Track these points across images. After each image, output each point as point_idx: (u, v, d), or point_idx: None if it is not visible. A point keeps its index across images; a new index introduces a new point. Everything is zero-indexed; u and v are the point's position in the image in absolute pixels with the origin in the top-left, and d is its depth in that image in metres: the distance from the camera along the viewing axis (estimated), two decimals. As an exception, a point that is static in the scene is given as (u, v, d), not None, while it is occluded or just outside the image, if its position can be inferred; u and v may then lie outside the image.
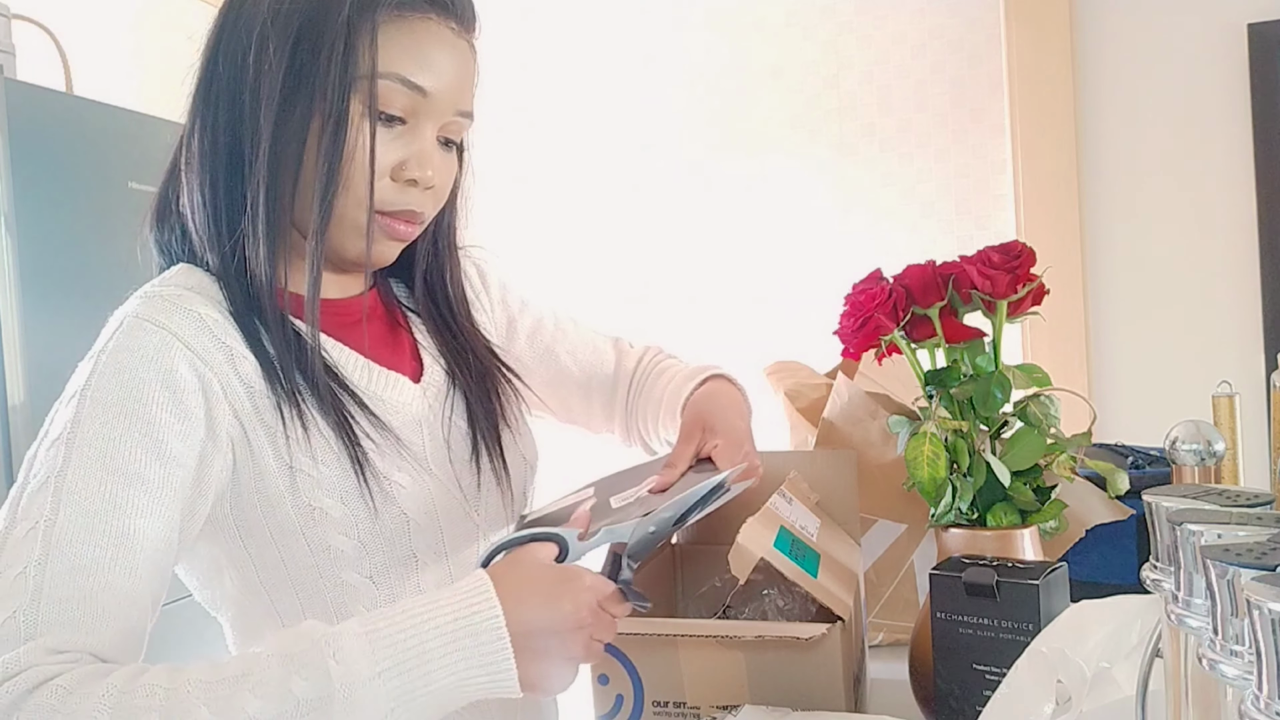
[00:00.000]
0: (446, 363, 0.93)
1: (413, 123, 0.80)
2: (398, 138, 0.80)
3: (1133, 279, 2.38)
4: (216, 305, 0.79)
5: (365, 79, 0.76)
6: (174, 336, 0.74)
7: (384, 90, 0.77)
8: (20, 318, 1.71)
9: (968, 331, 0.97)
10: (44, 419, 0.75)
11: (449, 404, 0.91)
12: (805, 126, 2.62)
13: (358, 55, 0.76)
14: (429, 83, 0.79)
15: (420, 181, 0.81)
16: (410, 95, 0.78)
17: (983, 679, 0.83)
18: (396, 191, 0.80)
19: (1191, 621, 0.46)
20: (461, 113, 0.83)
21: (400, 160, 0.80)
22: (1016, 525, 0.92)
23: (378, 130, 0.78)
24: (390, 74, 0.77)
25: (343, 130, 0.76)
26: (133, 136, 1.98)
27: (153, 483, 0.70)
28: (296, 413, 0.78)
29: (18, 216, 1.71)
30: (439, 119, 0.81)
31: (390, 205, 0.81)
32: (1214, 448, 0.99)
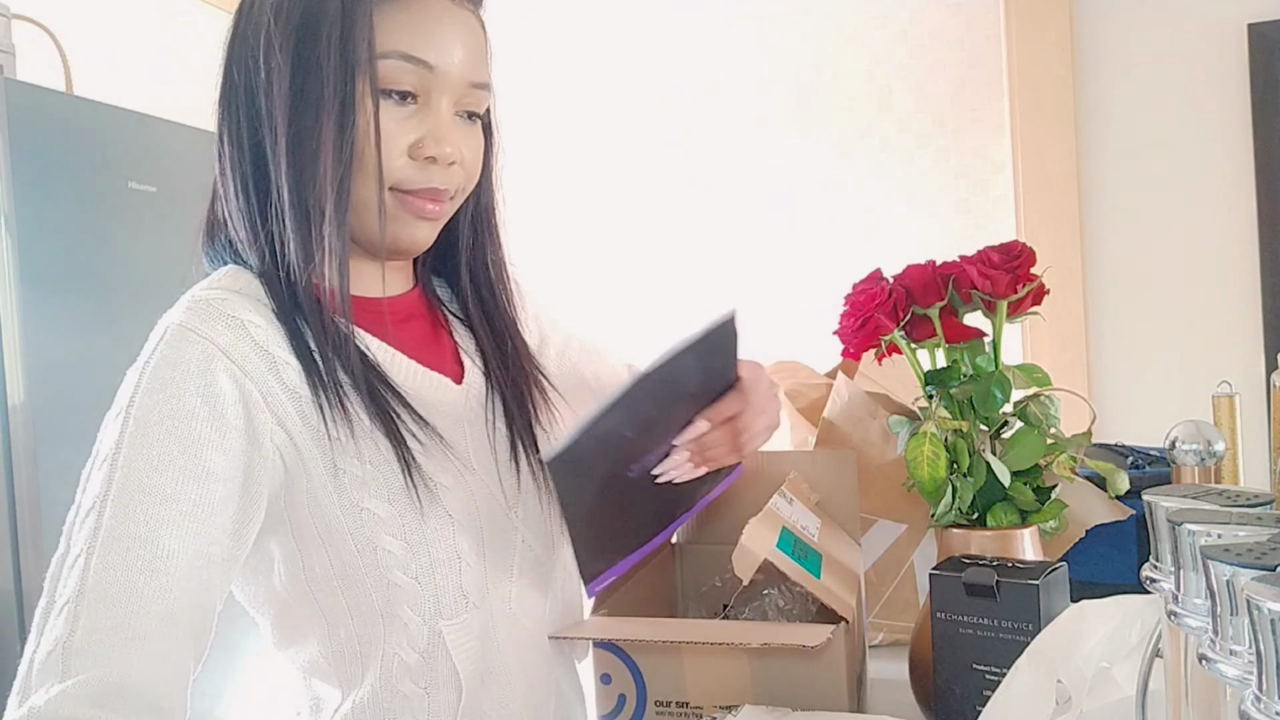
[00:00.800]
0: (485, 364, 0.93)
1: (425, 99, 0.80)
2: (411, 116, 0.80)
3: (1133, 279, 2.38)
4: (260, 307, 0.79)
5: (366, 61, 0.76)
6: (215, 347, 0.75)
7: (389, 69, 0.77)
8: (20, 318, 1.71)
9: (968, 331, 0.97)
10: (44, 419, 0.76)
11: (489, 405, 0.91)
12: (805, 126, 2.62)
13: (355, 38, 0.76)
14: (433, 57, 0.78)
15: (439, 158, 0.80)
16: (416, 71, 0.78)
17: (983, 679, 0.83)
18: (416, 169, 0.80)
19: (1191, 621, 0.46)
20: (476, 84, 0.82)
21: (416, 138, 0.80)
22: (1016, 525, 0.92)
23: (390, 109, 0.78)
24: (392, 52, 0.77)
25: (350, 113, 0.76)
26: (133, 136, 1.98)
27: (191, 502, 0.71)
28: (341, 413, 0.78)
29: (18, 216, 1.71)
30: (453, 93, 0.81)
31: (411, 184, 0.80)
32: (1214, 448, 0.99)
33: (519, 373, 0.94)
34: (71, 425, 1.76)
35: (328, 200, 0.78)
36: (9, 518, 1.73)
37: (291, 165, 0.79)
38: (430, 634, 0.81)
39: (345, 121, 0.76)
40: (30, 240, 1.73)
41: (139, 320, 2.16)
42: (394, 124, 0.78)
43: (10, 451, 1.72)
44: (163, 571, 0.69)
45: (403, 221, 0.82)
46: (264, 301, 0.80)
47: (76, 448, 2.01)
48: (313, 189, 0.78)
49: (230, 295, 0.79)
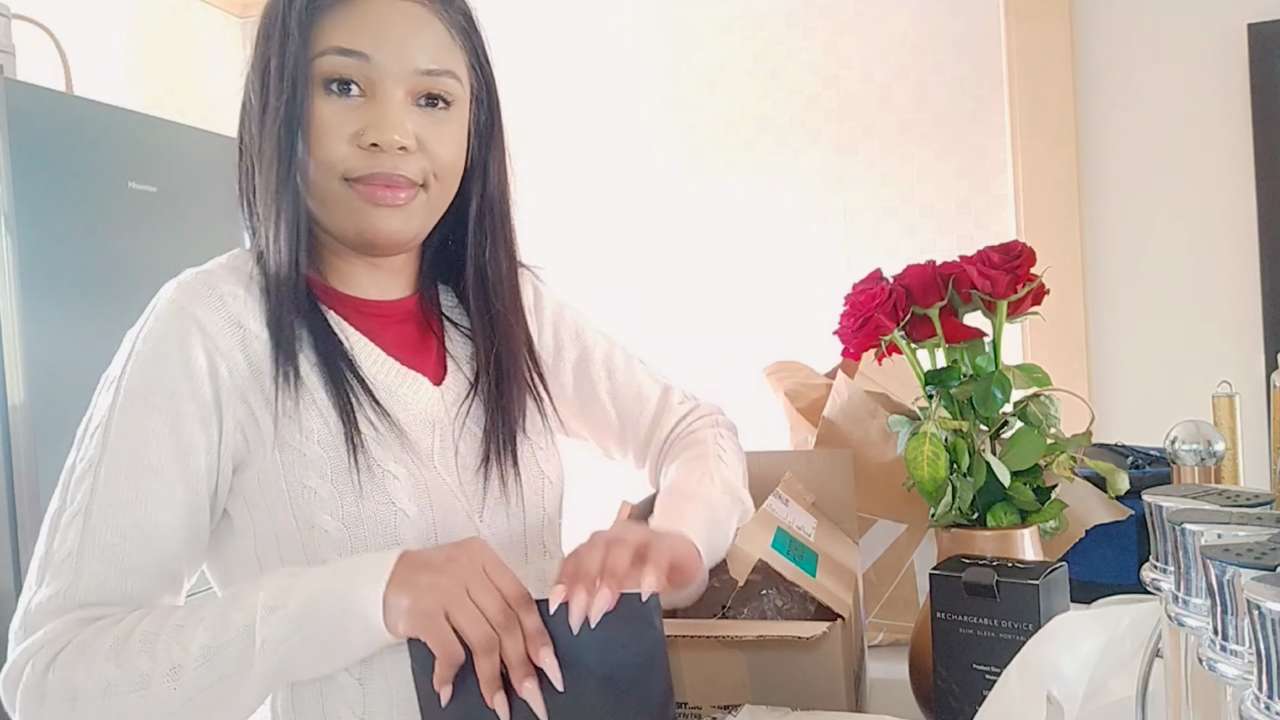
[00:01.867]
0: (474, 368, 0.94)
1: (370, 90, 0.82)
2: (356, 107, 0.82)
3: (1133, 279, 2.38)
4: (248, 282, 0.85)
5: (304, 60, 0.81)
6: (194, 321, 0.81)
7: (326, 64, 0.81)
8: (20, 318, 1.71)
9: (968, 331, 0.97)
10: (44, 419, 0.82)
11: (465, 408, 0.91)
12: (805, 126, 2.62)
13: (294, 40, 0.81)
14: (367, 45, 0.81)
15: (382, 144, 0.81)
16: (352, 62, 0.81)
17: (983, 679, 0.83)
18: (363, 157, 0.82)
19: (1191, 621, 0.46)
20: (427, 71, 0.83)
21: (360, 128, 0.82)
22: (1016, 525, 0.92)
23: (333, 101, 0.82)
24: (328, 49, 0.81)
25: (293, 108, 0.81)
26: (133, 136, 1.98)
27: (175, 473, 0.79)
28: (291, 383, 0.82)
29: (18, 216, 1.71)
30: (401, 81, 0.83)
31: (359, 170, 0.82)
32: (1214, 448, 0.99)
33: (513, 381, 0.94)
34: (71, 425, 1.75)
35: (285, 194, 0.82)
36: (9, 518, 1.73)
37: (259, 167, 0.84)
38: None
39: (290, 117, 0.81)
40: (30, 240, 1.73)
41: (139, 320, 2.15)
42: (337, 114, 0.82)
43: (10, 451, 1.72)
44: (154, 539, 0.78)
45: (363, 212, 0.84)
46: (254, 277, 0.85)
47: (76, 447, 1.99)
48: (273, 184, 0.83)
49: (220, 270, 0.85)
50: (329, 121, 0.81)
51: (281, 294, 0.83)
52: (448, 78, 0.85)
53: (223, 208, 2.23)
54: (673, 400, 1.07)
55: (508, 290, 0.95)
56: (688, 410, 1.07)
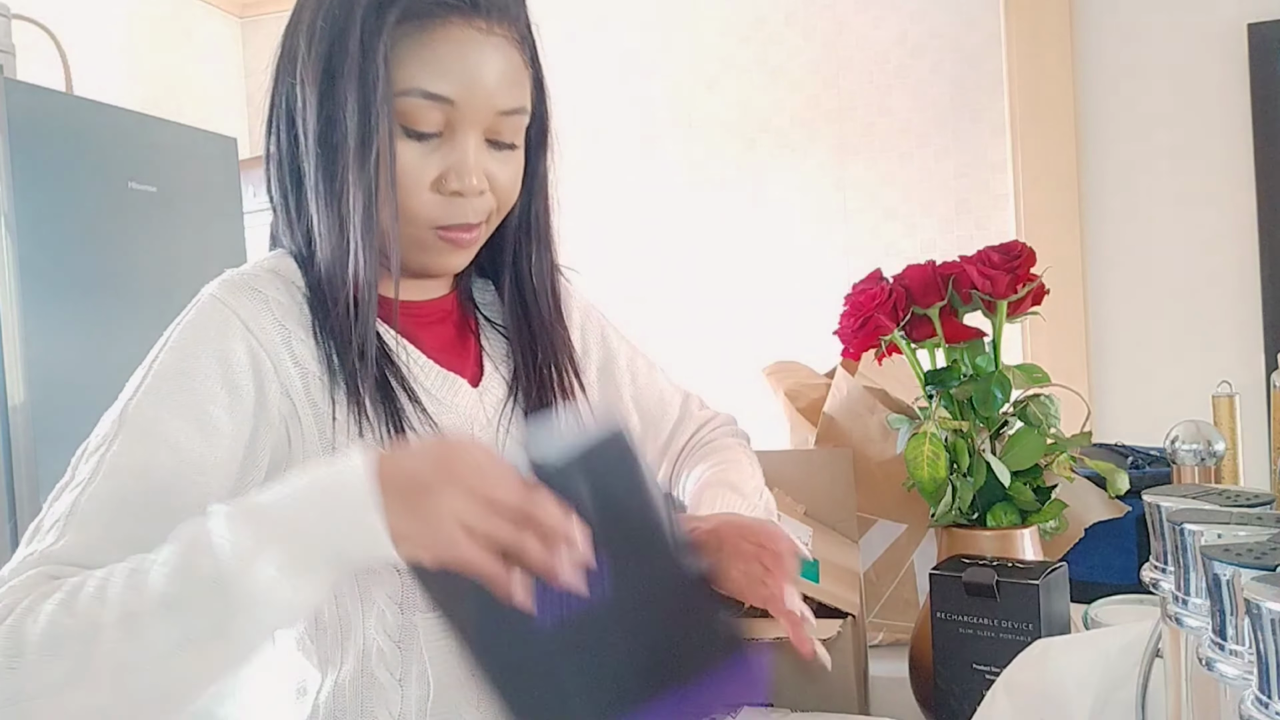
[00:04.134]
0: (511, 370, 0.92)
1: (449, 133, 0.79)
2: (434, 151, 0.79)
3: (1133, 279, 2.38)
4: (290, 288, 0.82)
5: (384, 99, 0.76)
6: (236, 317, 0.78)
7: (408, 106, 0.77)
8: (20, 318, 1.71)
9: (968, 331, 0.97)
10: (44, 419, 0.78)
11: (505, 412, 0.89)
12: (805, 126, 2.62)
13: (373, 76, 0.76)
14: (453, 91, 0.77)
15: (464, 191, 0.79)
16: (437, 107, 0.77)
17: (983, 679, 0.83)
18: (443, 205, 0.80)
19: (1191, 621, 0.46)
20: (504, 112, 0.80)
21: (440, 173, 0.79)
22: (1016, 525, 0.92)
23: (412, 145, 0.78)
24: (411, 90, 0.77)
25: (369, 151, 0.77)
26: (133, 136, 1.98)
27: (195, 453, 0.74)
28: (349, 394, 0.79)
29: (18, 216, 1.71)
30: (477, 124, 0.79)
31: (440, 220, 0.80)
32: (1214, 448, 0.99)
33: (550, 382, 0.92)
34: (71, 425, 1.76)
35: (356, 233, 0.79)
36: (9, 518, 1.73)
37: (323, 194, 0.80)
38: (406, 625, 0.81)
39: (366, 160, 0.77)
40: (30, 240, 1.73)
41: (139, 320, 2.18)
42: (416, 160, 0.78)
43: (10, 451, 1.72)
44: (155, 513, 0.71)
45: (437, 251, 0.82)
46: (296, 284, 0.83)
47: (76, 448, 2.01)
48: (343, 221, 0.80)
49: (264, 274, 0.83)
50: (411, 168, 0.78)
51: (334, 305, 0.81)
52: (521, 115, 0.82)
53: (223, 208, 2.24)
54: (693, 408, 1.07)
55: (550, 297, 0.93)
56: (707, 419, 1.07)
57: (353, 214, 0.79)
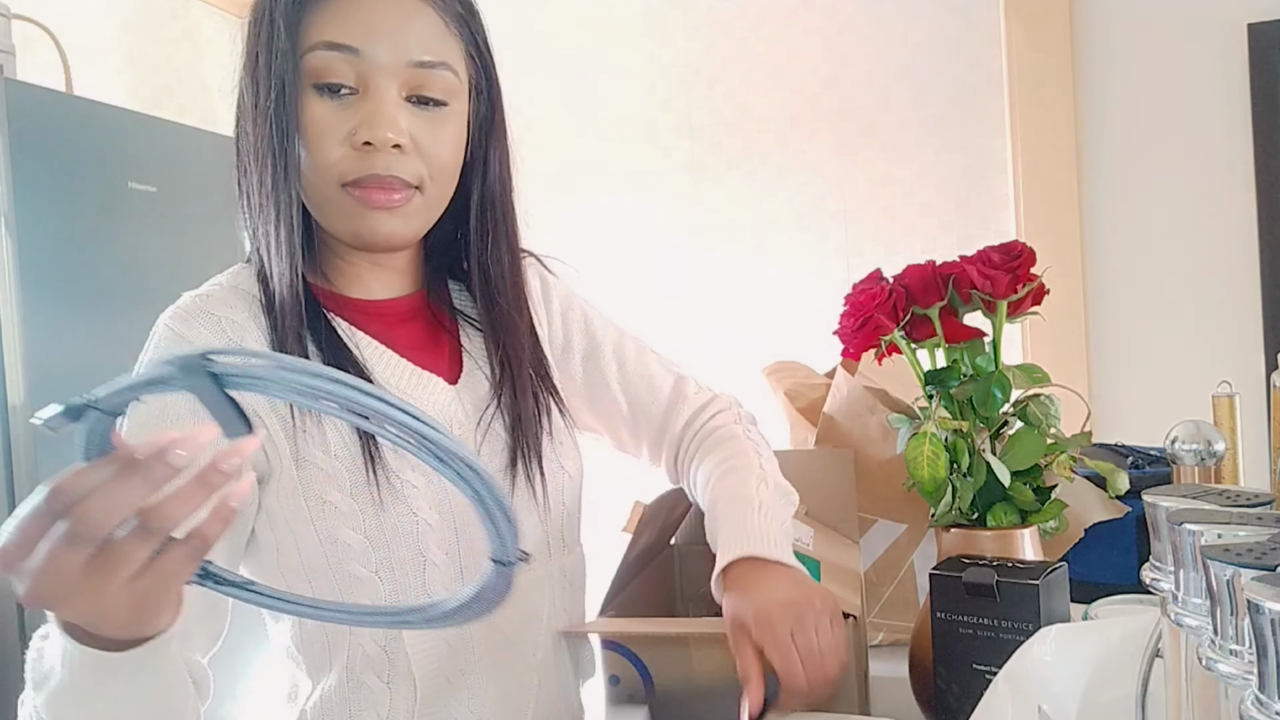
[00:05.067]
0: (494, 368, 0.90)
1: (363, 87, 0.79)
2: (348, 106, 0.79)
3: (1133, 279, 2.38)
4: (247, 302, 0.83)
5: (291, 55, 0.78)
6: (190, 345, 0.79)
7: (317, 61, 0.78)
8: (20, 318, 1.71)
9: (968, 331, 0.97)
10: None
11: (489, 411, 0.88)
12: (805, 126, 2.62)
13: (281, 35, 0.77)
14: (356, 38, 0.78)
15: (376, 142, 0.78)
16: (344, 58, 0.78)
17: (983, 679, 0.83)
18: (356, 159, 0.79)
19: (1191, 621, 0.46)
20: (420, 64, 0.80)
21: (352, 126, 0.79)
22: (1016, 525, 0.92)
23: (325, 102, 0.79)
24: (318, 44, 0.78)
25: (283, 110, 0.78)
26: (133, 136, 1.98)
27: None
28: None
29: (18, 216, 1.71)
30: (393, 76, 0.79)
31: (354, 173, 0.79)
32: (1214, 448, 0.99)
33: (530, 378, 0.91)
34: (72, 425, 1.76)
35: (282, 196, 0.79)
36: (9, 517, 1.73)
37: (254, 168, 0.81)
38: (392, 632, 0.82)
39: (281, 117, 0.78)
40: (30, 240, 1.73)
41: (139, 320, 2.16)
42: (329, 115, 0.79)
43: (10, 451, 1.72)
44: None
45: (360, 215, 0.81)
46: (254, 295, 0.83)
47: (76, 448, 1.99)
48: (269, 189, 0.80)
49: (219, 291, 0.84)
50: (321, 123, 0.79)
51: (284, 306, 0.81)
52: (443, 70, 0.81)
53: (223, 208, 2.23)
54: (688, 390, 1.04)
55: (510, 284, 0.92)
56: (705, 401, 1.03)
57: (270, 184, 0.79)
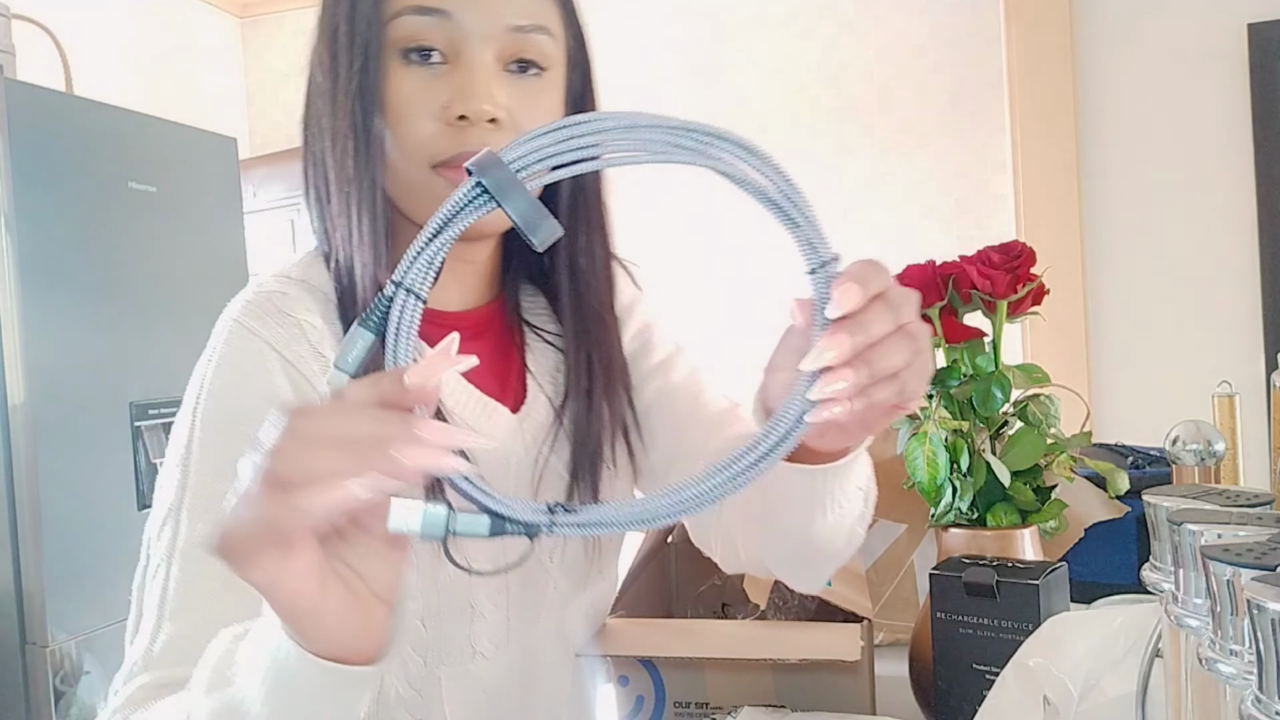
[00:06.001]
0: (557, 385, 0.81)
1: (454, 55, 0.70)
2: (440, 77, 0.70)
3: (1133, 279, 2.38)
4: (322, 303, 0.73)
5: (376, 22, 0.69)
6: (270, 347, 0.71)
7: (403, 27, 0.69)
8: (20, 318, 1.71)
9: (968, 331, 0.97)
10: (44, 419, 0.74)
11: (548, 442, 0.79)
12: (805, 126, 2.62)
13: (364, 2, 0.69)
14: (450, 4, 0.69)
15: (471, 115, 0.69)
16: (434, 23, 0.69)
17: (983, 679, 0.83)
18: (450, 135, 0.70)
19: (1191, 621, 0.46)
20: (518, 28, 0.71)
21: (445, 99, 0.70)
22: (1016, 525, 0.92)
23: (414, 72, 0.70)
24: (403, 8, 0.69)
25: (368, 82, 0.69)
26: (133, 136, 1.98)
27: None
28: None
29: (18, 216, 1.71)
30: (490, 42, 0.70)
31: (446, 152, 0.70)
32: (1214, 448, 0.99)
33: (605, 398, 0.80)
34: (71, 425, 1.76)
35: (363, 185, 0.71)
36: (9, 518, 1.73)
37: (331, 152, 0.72)
38: (429, 676, 0.76)
39: (364, 92, 0.69)
40: (30, 240, 1.73)
41: (139, 320, 2.17)
42: (418, 87, 0.70)
43: (10, 451, 1.72)
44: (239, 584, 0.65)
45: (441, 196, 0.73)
46: (329, 296, 0.74)
47: (76, 448, 2.01)
48: (349, 174, 0.71)
49: (292, 289, 0.74)
50: (410, 96, 0.70)
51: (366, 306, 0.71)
52: (541, 35, 0.72)
53: (223, 208, 2.24)
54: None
55: (602, 286, 0.82)
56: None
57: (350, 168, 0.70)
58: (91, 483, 1.81)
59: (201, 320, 0.78)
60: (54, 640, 1.75)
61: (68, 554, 1.77)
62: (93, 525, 1.81)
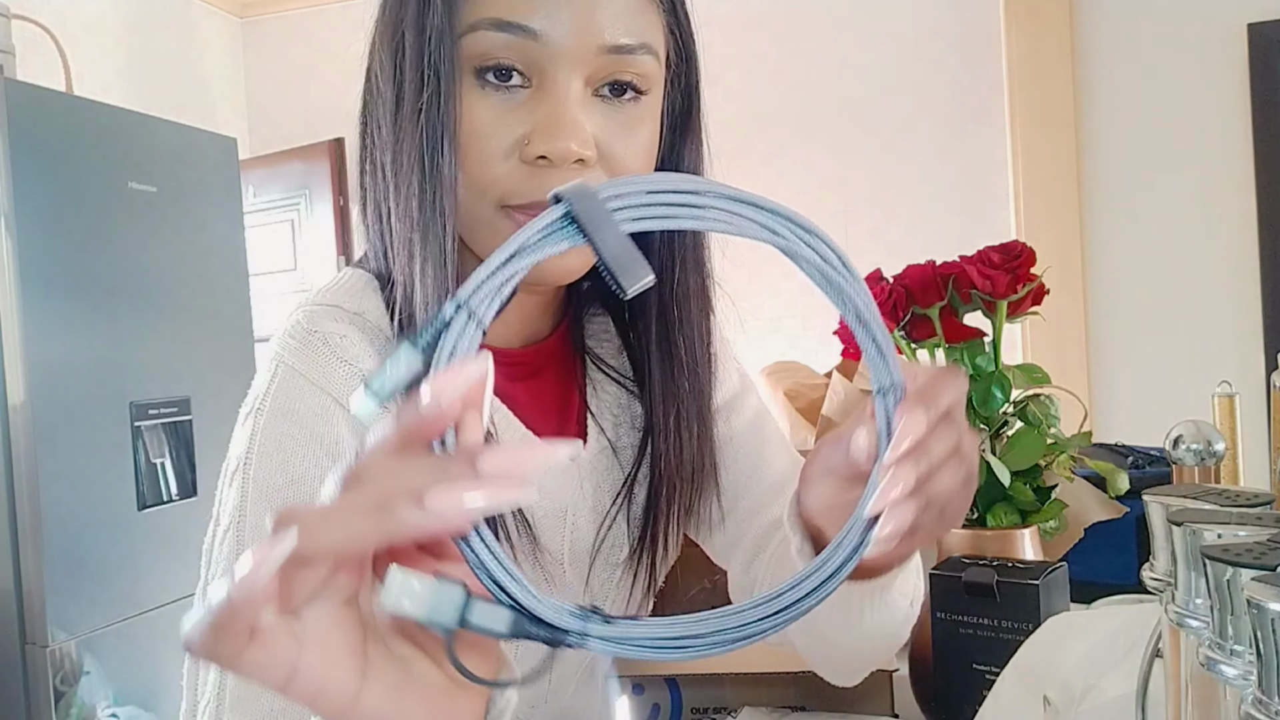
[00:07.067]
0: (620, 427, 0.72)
1: (539, 80, 0.59)
2: (518, 104, 0.60)
3: (1133, 278, 2.38)
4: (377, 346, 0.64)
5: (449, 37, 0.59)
6: (331, 399, 0.62)
7: (479, 43, 0.59)
8: (20, 318, 1.71)
9: (968, 331, 0.97)
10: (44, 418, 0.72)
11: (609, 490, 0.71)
12: (805, 126, 2.62)
13: (434, 6, 0.59)
14: (534, 16, 0.58)
15: (553, 155, 0.58)
16: (516, 42, 0.58)
17: (983, 679, 0.83)
18: (525, 176, 0.60)
19: (1191, 621, 0.46)
20: (613, 48, 0.60)
21: (523, 133, 0.59)
22: (1016, 525, 0.92)
23: (489, 97, 0.59)
24: (480, 21, 0.59)
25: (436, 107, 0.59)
26: (133, 136, 1.98)
27: None
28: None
29: (18, 216, 1.71)
30: (580, 66, 0.59)
31: (518, 196, 0.60)
32: (1214, 448, 0.99)
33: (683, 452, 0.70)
34: (71, 425, 1.76)
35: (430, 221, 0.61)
36: (9, 518, 1.73)
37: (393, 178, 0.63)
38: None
39: (433, 119, 0.59)
40: (30, 240, 1.73)
41: (139, 320, 2.17)
42: (493, 115, 0.59)
43: (10, 451, 1.72)
44: None
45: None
46: (385, 331, 0.65)
47: (76, 448, 2.01)
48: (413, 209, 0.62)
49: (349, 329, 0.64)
50: (483, 125, 0.59)
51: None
52: (643, 54, 0.62)
53: (223, 208, 2.24)
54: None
55: (696, 325, 0.70)
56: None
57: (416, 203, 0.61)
58: (91, 483, 1.81)
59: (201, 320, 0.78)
60: (54, 640, 1.75)
61: (68, 554, 1.77)
62: (93, 525, 1.81)
